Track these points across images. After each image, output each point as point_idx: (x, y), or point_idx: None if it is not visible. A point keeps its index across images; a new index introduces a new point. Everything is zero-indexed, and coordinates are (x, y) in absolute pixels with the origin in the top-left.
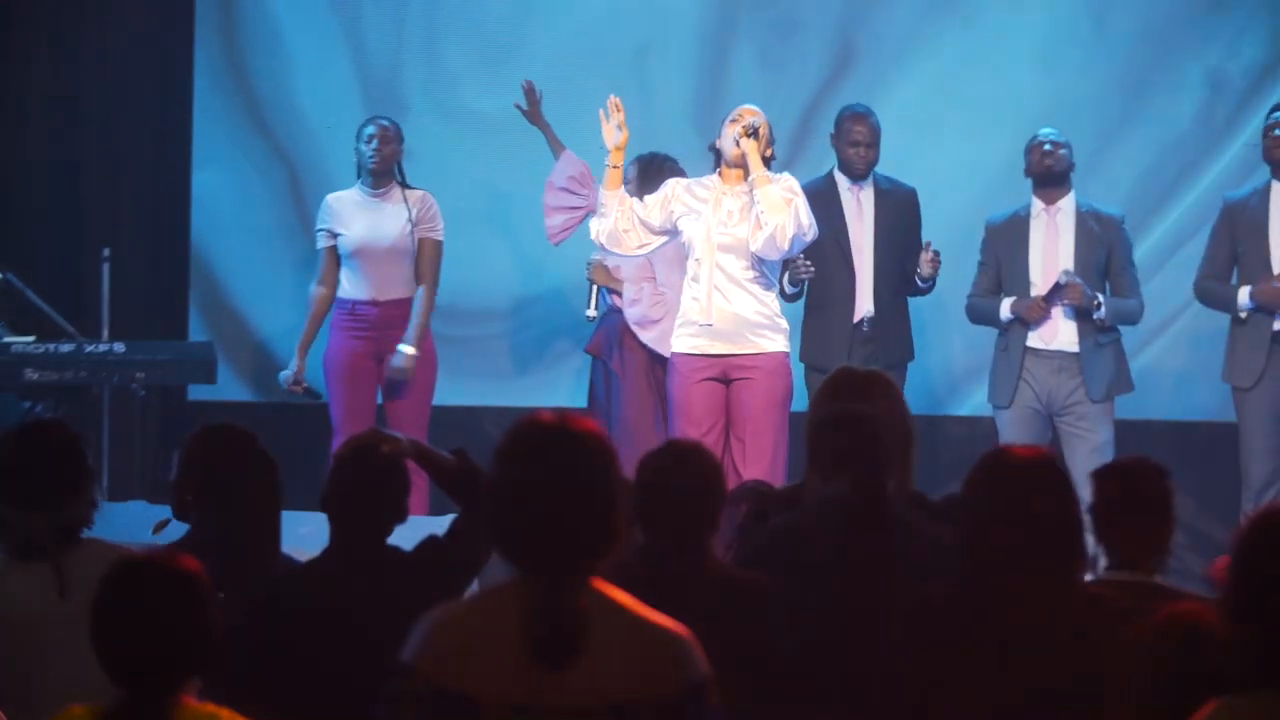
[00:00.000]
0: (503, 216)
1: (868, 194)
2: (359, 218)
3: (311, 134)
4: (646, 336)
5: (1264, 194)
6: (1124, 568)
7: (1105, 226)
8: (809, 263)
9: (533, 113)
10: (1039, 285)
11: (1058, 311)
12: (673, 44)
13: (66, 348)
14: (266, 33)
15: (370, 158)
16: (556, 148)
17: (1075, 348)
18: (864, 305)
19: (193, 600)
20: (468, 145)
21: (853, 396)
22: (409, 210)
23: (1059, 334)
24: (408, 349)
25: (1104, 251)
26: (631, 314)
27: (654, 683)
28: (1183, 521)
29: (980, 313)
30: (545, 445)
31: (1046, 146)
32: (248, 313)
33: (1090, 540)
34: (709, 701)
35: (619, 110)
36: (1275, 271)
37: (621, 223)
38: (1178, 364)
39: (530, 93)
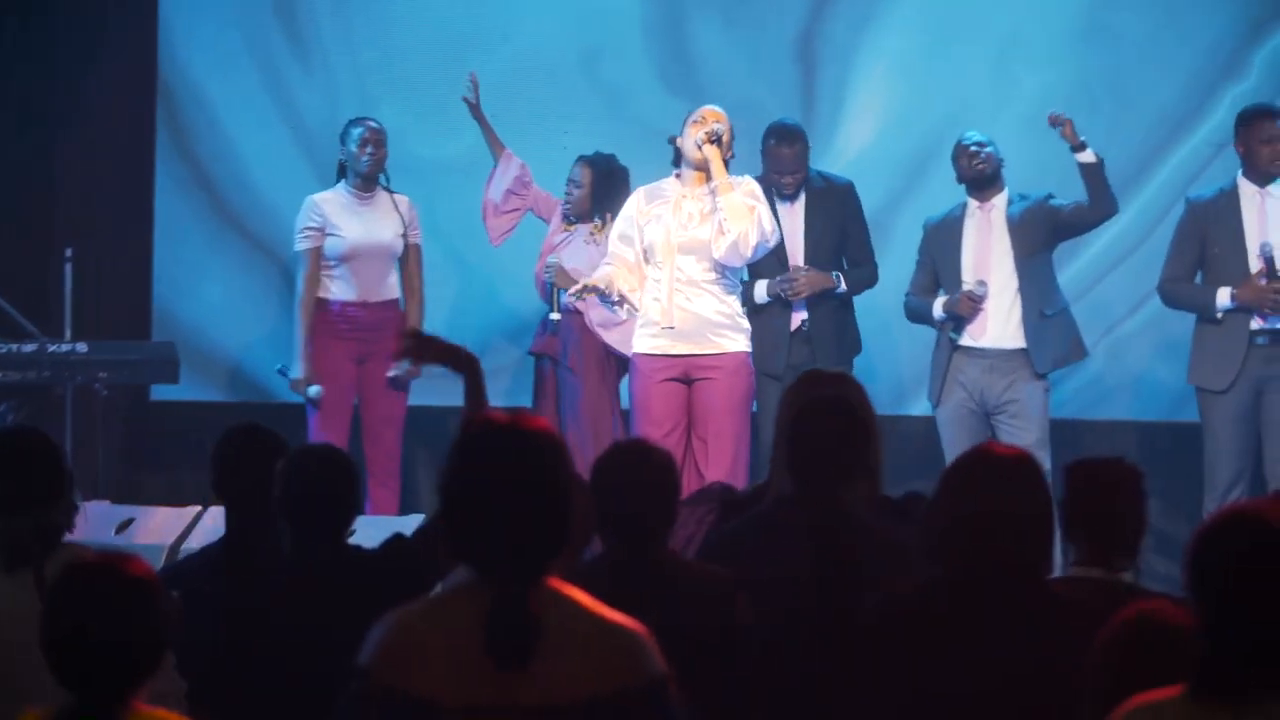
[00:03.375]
0: (465, 256)
1: (799, 199)
2: (352, 220)
3: (271, 155)
4: (611, 338)
5: (1232, 195)
6: (1092, 565)
7: (1037, 207)
8: (794, 288)
9: (476, 105)
10: (971, 284)
11: (988, 311)
12: (622, 40)
13: (29, 348)
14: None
15: (366, 162)
16: (496, 148)
17: (1007, 344)
18: (800, 311)
19: (143, 604)
20: (423, 194)
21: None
22: (400, 214)
23: (988, 331)
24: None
25: (1042, 232)
26: (597, 316)
27: (613, 681)
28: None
29: (915, 311)
30: (497, 444)
31: (973, 149)
32: (211, 313)
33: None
34: (668, 698)
35: (573, 280)
36: (1254, 271)
37: (632, 295)
38: (1139, 363)
39: (475, 86)
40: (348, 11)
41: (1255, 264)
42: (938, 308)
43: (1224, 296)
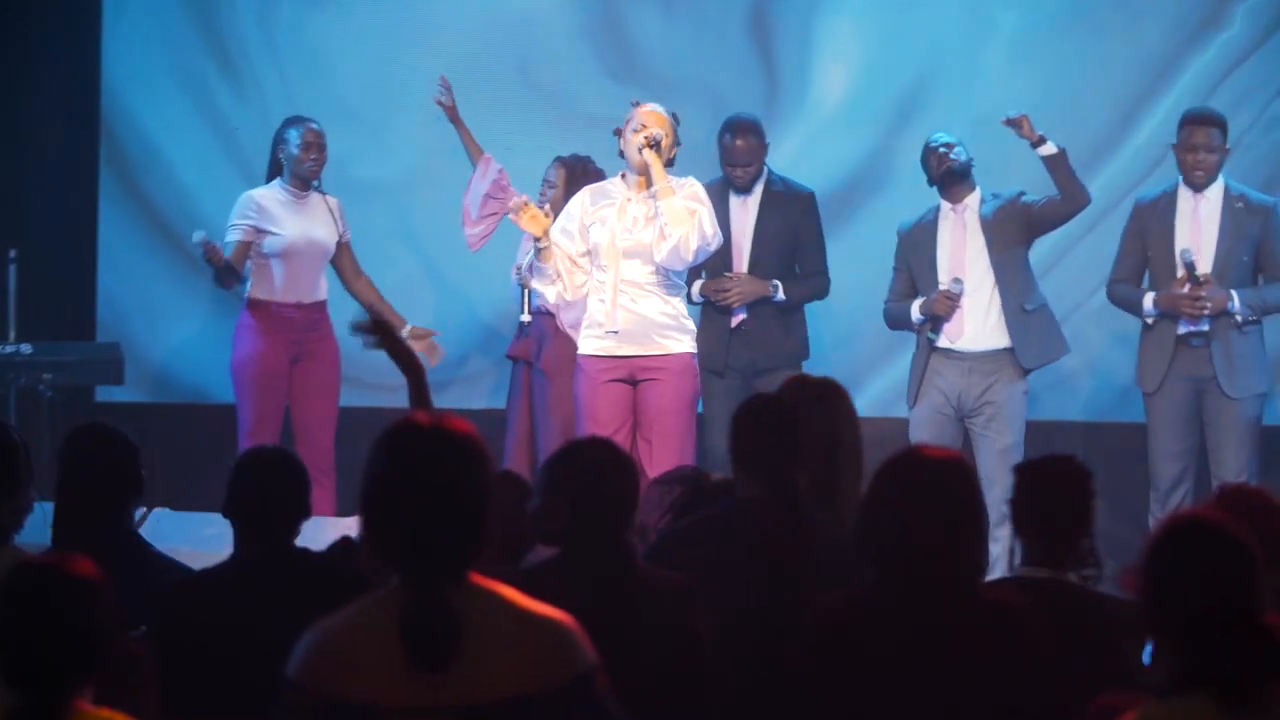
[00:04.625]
0: (440, 266)
1: (754, 198)
2: (291, 218)
3: (209, 156)
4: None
5: (1171, 197)
6: (1039, 564)
7: (1010, 205)
8: (726, 297)
9: (452, 108)
10: (946, 283)
11: (964, 311)
12: (554, 45)
13: None
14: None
15: (310, 167)
16: (474, 152)
17: (985, 345)
18: (740, 312)
19: (88, 603)
20: (369, 215)
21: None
22: (333, 215)
23: (965, 332)
24: (409, 327)
25: (1017, 229)
26: (568, 318)
27: (542, 675)
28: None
29: (894, 317)
30: (414, 445)
31: (941, 150)
32: (156, 314)
33: (1009, 534)
34: (597, 689)
35: (527, 205)
36: (1178, 276)
37: (569, 277)
38: (1087, 363)
39: (449, 88)
40: (274, 36)
41: (1180, 270)
42: (915, 309)
43: (1148, 302)
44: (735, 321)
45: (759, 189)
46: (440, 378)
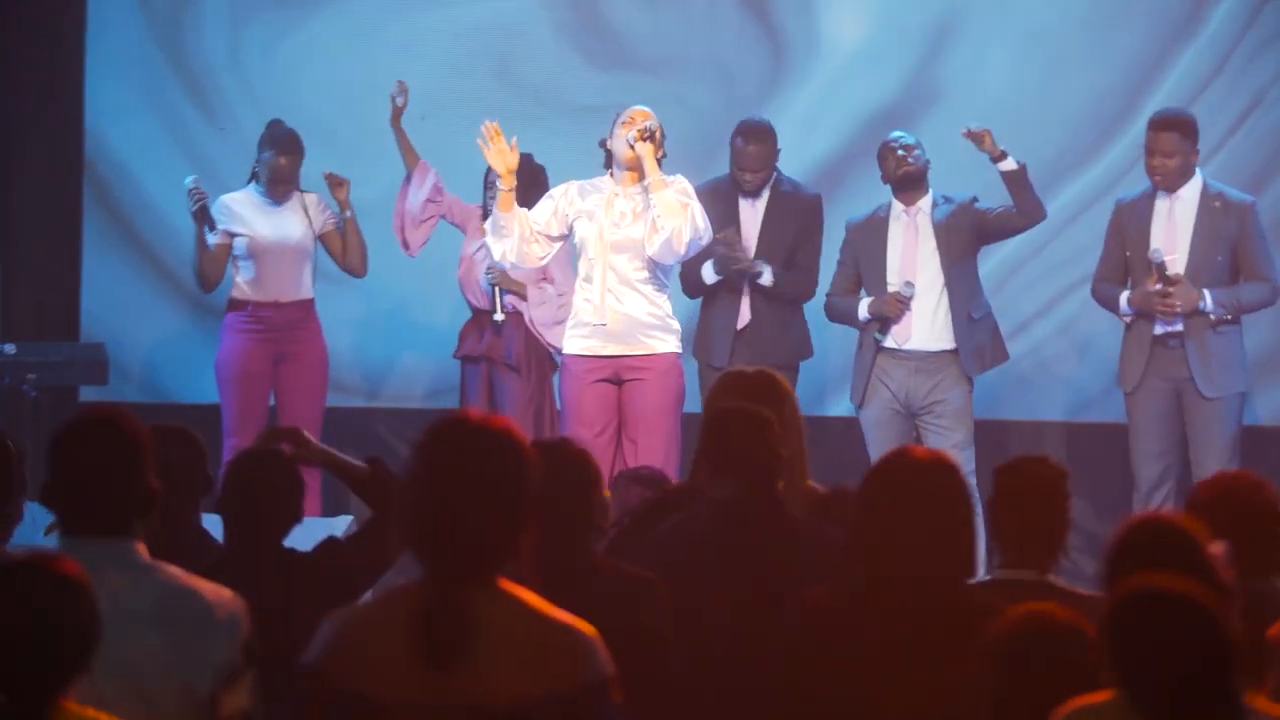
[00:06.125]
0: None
1: (761, 201)
2: (261, 219)
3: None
4: (554, 336)
5: (1149, 197)
6: (1017, 566)
7: (962, 211)
8: (747, 259)
9: (400, 111)
10: (897, 286)
11: (913, 313)
12: (529, 43)
13: None
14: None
15: (278, 195)
16: (411, 158)
17: (932, 346)
18: (746, 310)
19: (71, 603)
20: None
21: (745, 397)
22: (308, 215)
23: (914, 334)
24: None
25: (968, 236)
26: (539, 315)
27: (555, 681)
28: (1073, 522)
29: (838, 311)
30: (460, 444)
31: (900, 152)
32: (139, 315)
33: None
34: (611, 700)
35: (499, 134)
36: (1151, 276)
37: (526, 238)
38: (1069, 363)
39: (405, 91)
40: (245, 67)
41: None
42: (863, 309)
43: (1124, 301)
44: (742, 322)
45: (766, 192)
46: (379, 376)
